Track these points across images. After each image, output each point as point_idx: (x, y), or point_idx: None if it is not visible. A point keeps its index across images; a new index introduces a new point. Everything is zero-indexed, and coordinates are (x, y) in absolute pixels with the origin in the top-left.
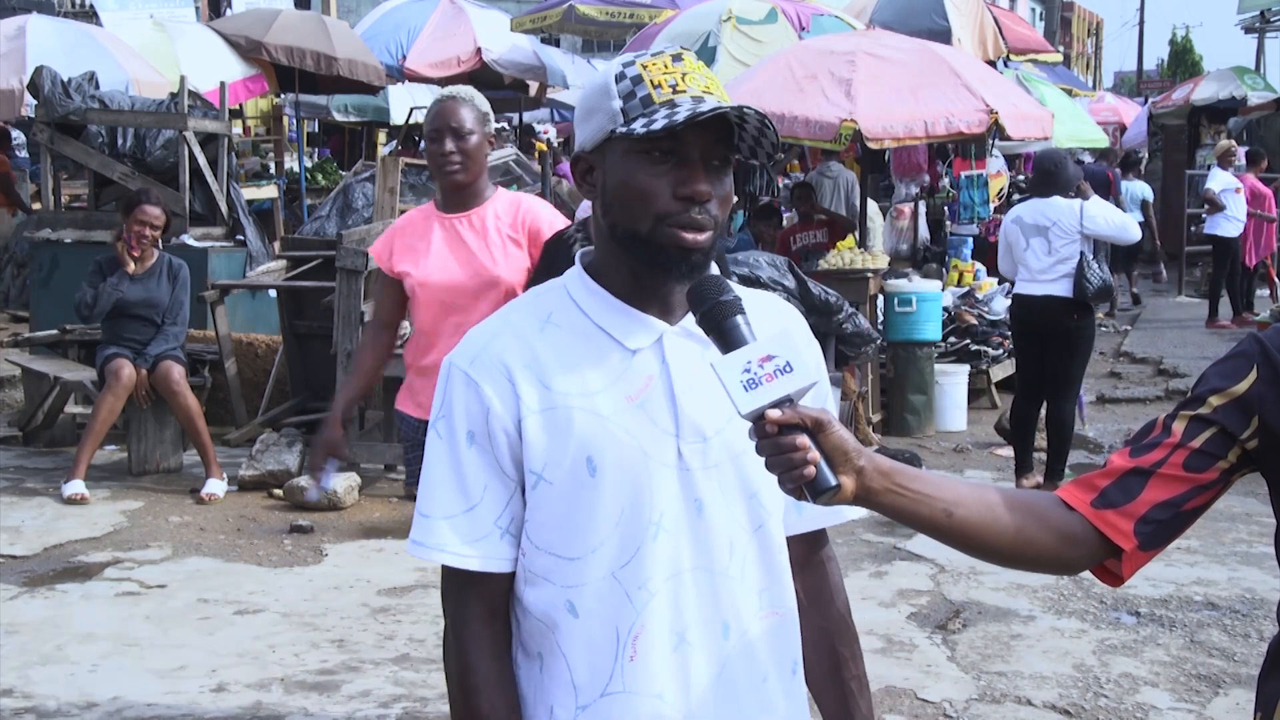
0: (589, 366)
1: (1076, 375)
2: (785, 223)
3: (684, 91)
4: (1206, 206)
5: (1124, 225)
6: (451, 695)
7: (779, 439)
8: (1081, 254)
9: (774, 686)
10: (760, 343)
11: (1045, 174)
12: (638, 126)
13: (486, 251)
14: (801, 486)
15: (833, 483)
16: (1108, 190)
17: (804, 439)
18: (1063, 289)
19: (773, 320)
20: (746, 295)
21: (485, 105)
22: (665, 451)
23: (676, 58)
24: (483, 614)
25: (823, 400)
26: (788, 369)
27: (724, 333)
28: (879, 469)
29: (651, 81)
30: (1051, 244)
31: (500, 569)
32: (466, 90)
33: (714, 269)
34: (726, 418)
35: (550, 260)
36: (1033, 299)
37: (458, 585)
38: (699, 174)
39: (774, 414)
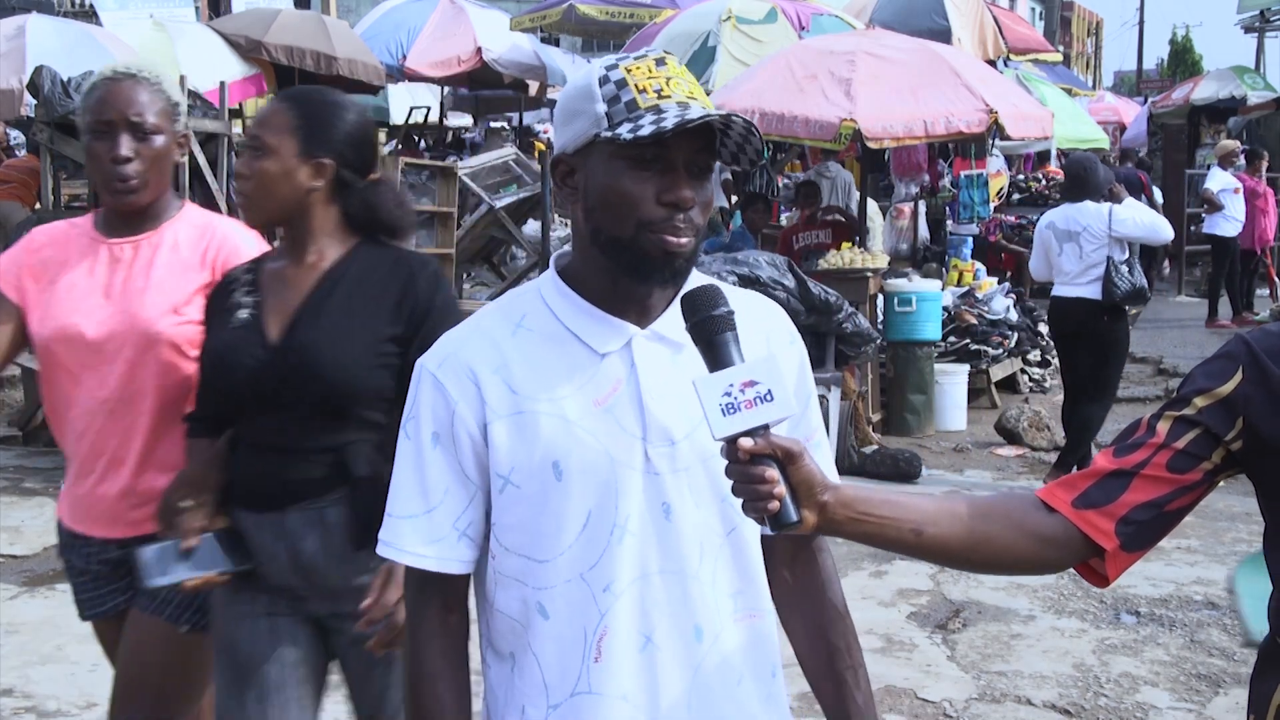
0: (557, 371)
1: (1110, 377)
2: (785, 221)
3: (669, 97)
4: (1205, 206)
5: (1154, 225)
6: (405, 692)
7: (748, 468)
8: (1109, 258)
9: (749, 690)
10: (746, 366)
11: (1076, 179)
12: (624, 131)
13: (149, 294)
14: (763, 516)
15: (794, 518)
16: (1141, 192)
17: (773, 472)
18: (1094, 292)
19: (757, 323)
20: (732, 295)
21: (175, 91)
22: (632, 455)
23: (660, 62)
24: (437, 612)
25: (804, 403)
26: (768, 398)
27: (713, 348)
28: (842, 500)
29: (636, 86)
30: (1082, 249)
31: (456, 570)
32: (149, 68)
33: (700, 278)
34: (696, 421)
35: (210, 315)
36: (1066, 301)
37: (416, 583)
38: (683, 181)
39: (746, 443)
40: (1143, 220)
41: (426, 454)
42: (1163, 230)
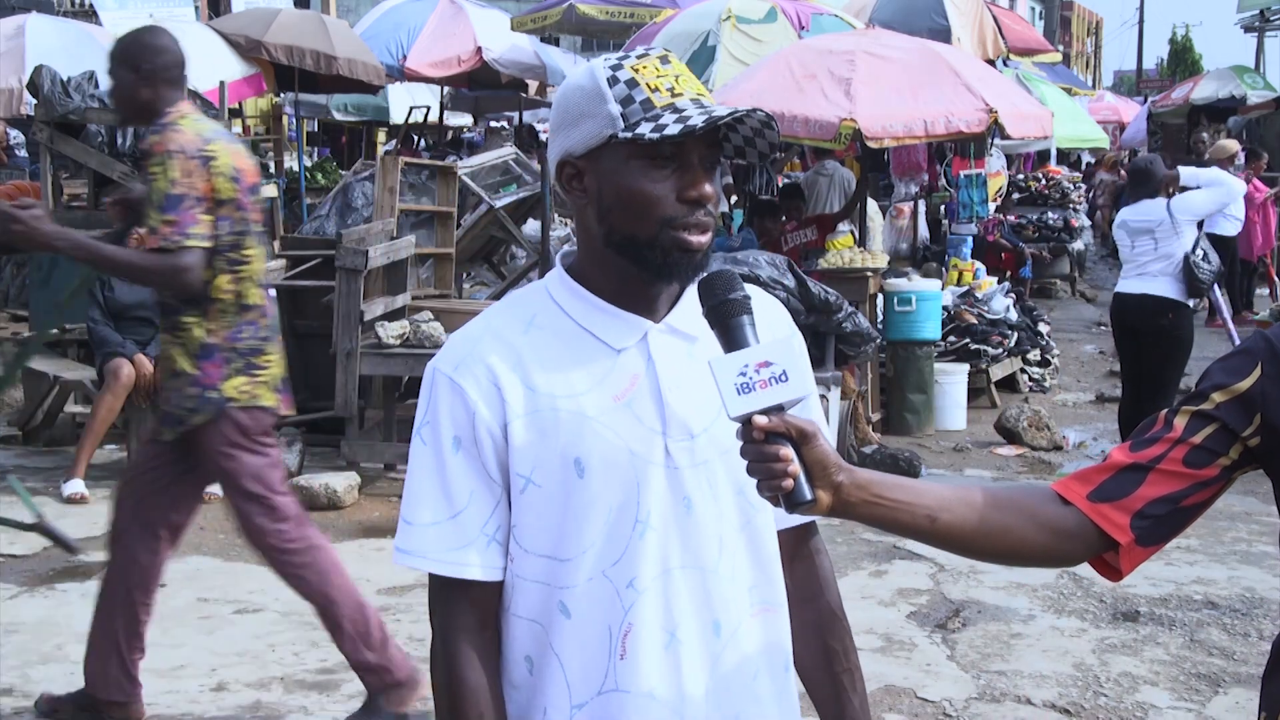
0: (574, 367)
1: (1171, 376)
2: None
3: (681, 94)
4: None
5: (1214, 180)
6: (437, 706)
7: (763, 446)
8: (1186, 253)
9: (765, 683)
10: (761, 347)
11: (1141, 174)
12: (646, 131)
13: None
14: (778, 495)
15: (808, 497)
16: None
17: (787, 450)
18: (1160, 288)
19: (776, 326)
20: (754, 296)
21: None
22: (653, 450)
23: (664, 60)
24: (472, 624)
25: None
26: (783, 378)
27: (728, 330)
28: (856, 482)
29: (648, 85)
30: (1158, 242)
31: (488, 577)
32: None
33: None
34: (714, 415)
35: None
36: (1130, 297)
37: (446, 594)
38: (702, 177)
39: (761, 420)
40: (1205, 189)
41: (448, 459)
42: (1230, 184)
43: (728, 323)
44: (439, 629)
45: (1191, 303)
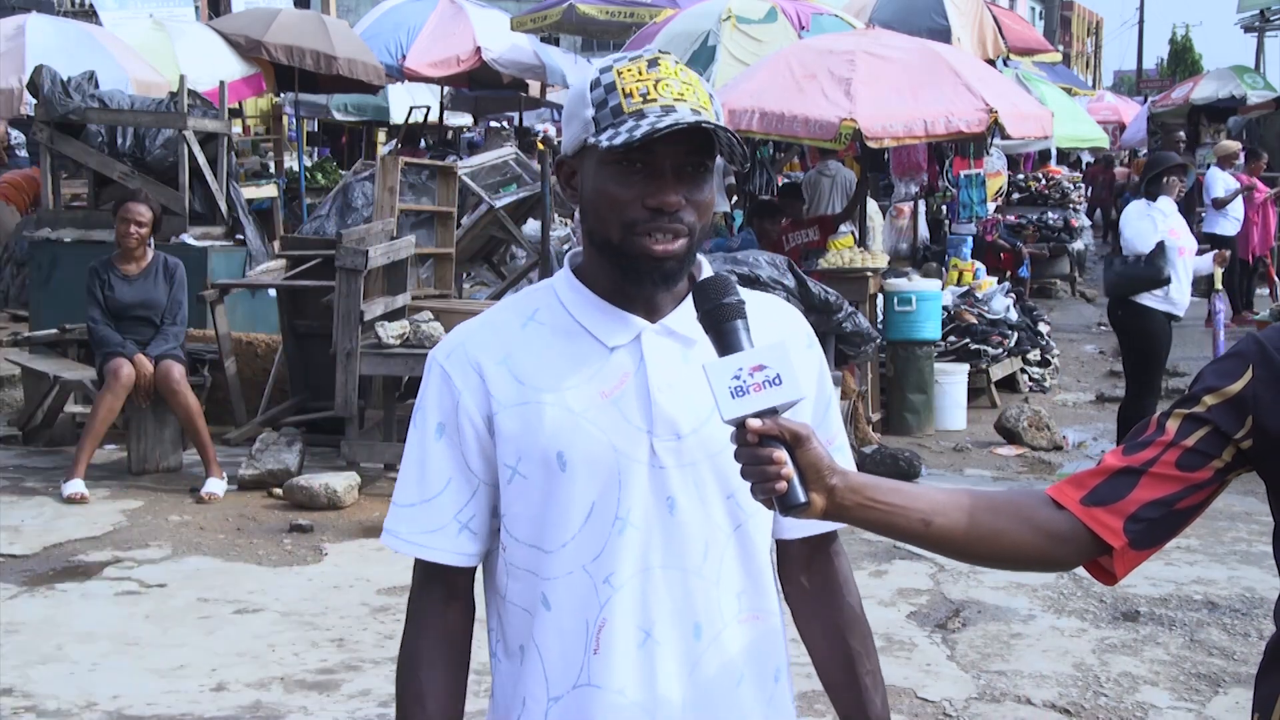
0: (565, 362)
1: (1145, 375)
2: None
3: (654, 101)
4: (1211, 204)
5: (1133, 232)
6: (397, 680)
7: (757, 449)
8: (1105, 255)
9: (749, 691)
10: (755, 351)
11: (1143, 174)
12: (603, 139)
13: None
14: (772, 498)
15: (801, 499)
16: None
17: (781, 453)
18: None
19: (774, 327)
20: (751, 299)
21: None
22: (637, 448)
23: (653, 63)
24: (436, 608)
25: (825, 408)
26: (776, 382)
27: (722, 334)
28: (851, 486)
29: (623, 90)
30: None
31: (454, 562)
32: None
33: (707, 268)
34: (704, 417)
35: None
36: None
37: (421, 573)
38: (668, 185)
39: (754, 424)
40: (1129, 225)
41: (430, 445)
42: (1131, 241)
43: (721, 327)
44: (408, 609)
45: (1158, 303)
